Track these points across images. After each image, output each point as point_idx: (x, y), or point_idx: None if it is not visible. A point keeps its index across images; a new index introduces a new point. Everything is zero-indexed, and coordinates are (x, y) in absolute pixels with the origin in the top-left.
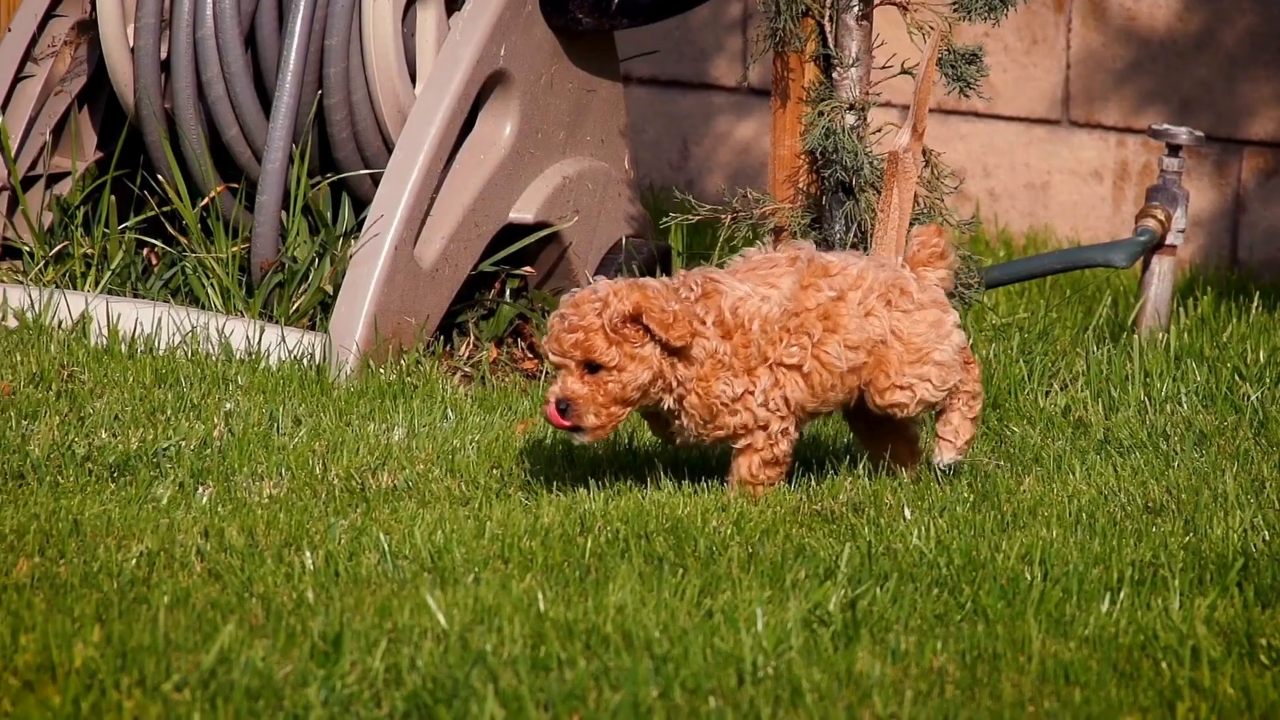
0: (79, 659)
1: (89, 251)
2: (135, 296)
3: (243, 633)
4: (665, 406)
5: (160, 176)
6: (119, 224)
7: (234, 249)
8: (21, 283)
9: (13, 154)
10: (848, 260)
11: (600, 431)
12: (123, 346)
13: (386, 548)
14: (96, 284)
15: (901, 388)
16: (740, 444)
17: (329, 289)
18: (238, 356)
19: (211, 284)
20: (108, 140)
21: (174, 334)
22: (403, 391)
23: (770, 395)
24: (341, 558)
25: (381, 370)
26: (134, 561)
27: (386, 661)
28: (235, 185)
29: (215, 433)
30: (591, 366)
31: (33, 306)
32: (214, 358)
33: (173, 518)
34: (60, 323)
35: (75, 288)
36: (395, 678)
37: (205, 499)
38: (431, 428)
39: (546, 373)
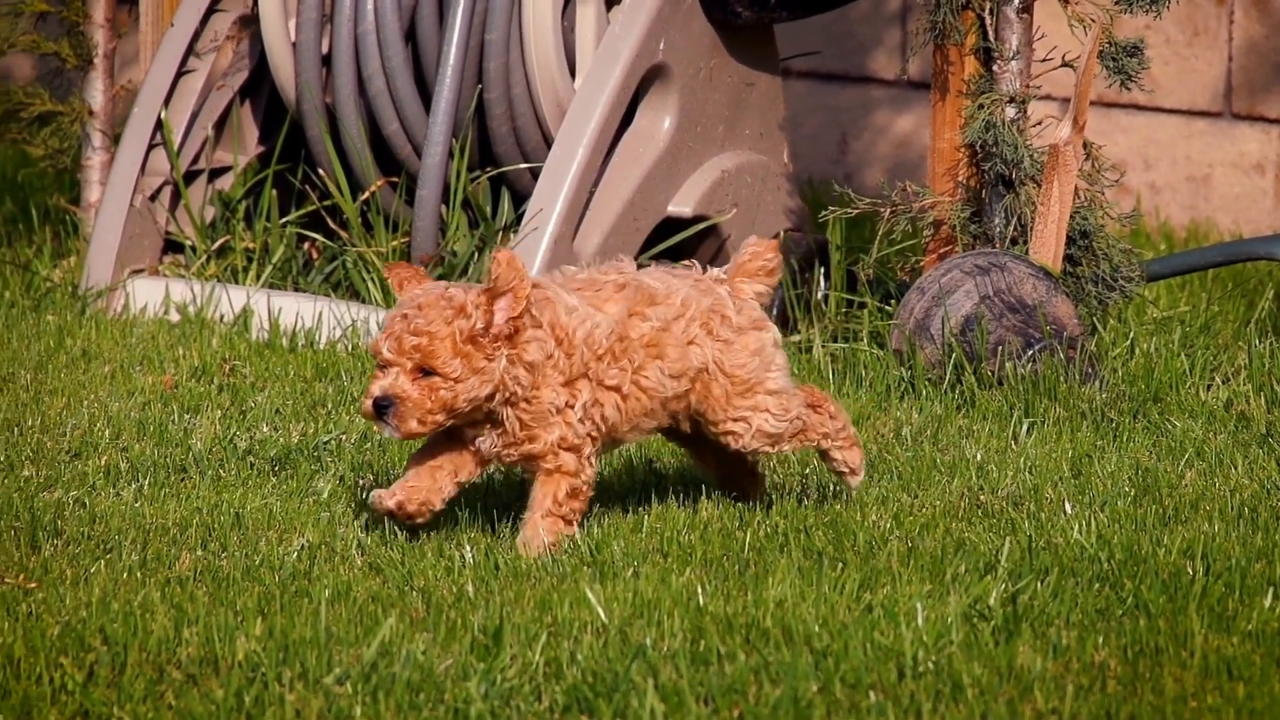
0: (241, 652)
1: (250, 246)
2: (296, 290)
3: (403, 626)
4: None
5: (321, 171)
6: (280, 218)
7: (394, 243)
8: (184, 277)
9: (175, 149)
10: (672, 286)
11: (415, 435)
12: (284, 340)
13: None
14: (258, 278)
15: (735, 419)
16: (548, 465)
17: None
18: None
19: (372, 278)
20: (269, 135)
21: (334, 328)
22: None
23: (590, 412)
24: (501, 551)
25: None
26: (295, 555)
27: (546, 655)
28: (395, 179)
29: (376, 427)
30: (426, 371)
31: (195, 300)
32: None
33: (334, 511)
34: (222, 317)
35: (237, 282)
36: (555, 671)
37: (368, 495)
38: None
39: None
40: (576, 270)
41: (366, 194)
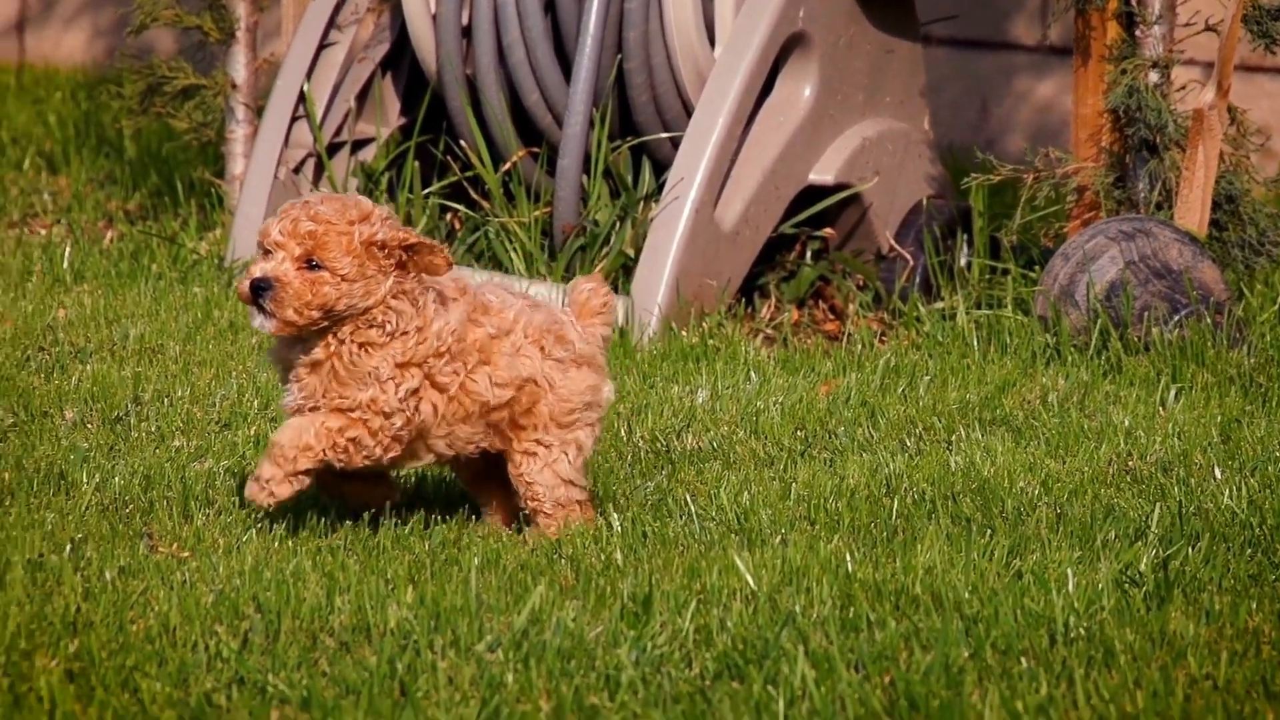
0: (393, 620)
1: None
2: None
3: (553, 594)
4: (337, 341)
5: (462, 142)
6: (423, 189)
7: (536, 213)
8: None
9: (318, 121)
10: (505, 302)
11: (288, 329)
12: None
13: (693, 509)
14: None
15: (542, 445)
16: (355, 415)
17: (630, 252)
18: None
19: (514, 248)
20: (410, 106)
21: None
22: (705, 354)
23: (409, 399)
24: (648, 519)
25: (684, 333)
26: (445, 523)
27: (696, 622)
28: (536, 150)
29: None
30: (313, 264)
31: None
32: None
33: None
34: None
35: None
36: (705, 638)
37: None
38: (735, 390)
39: (849, 335)
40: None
41: (508, 164)
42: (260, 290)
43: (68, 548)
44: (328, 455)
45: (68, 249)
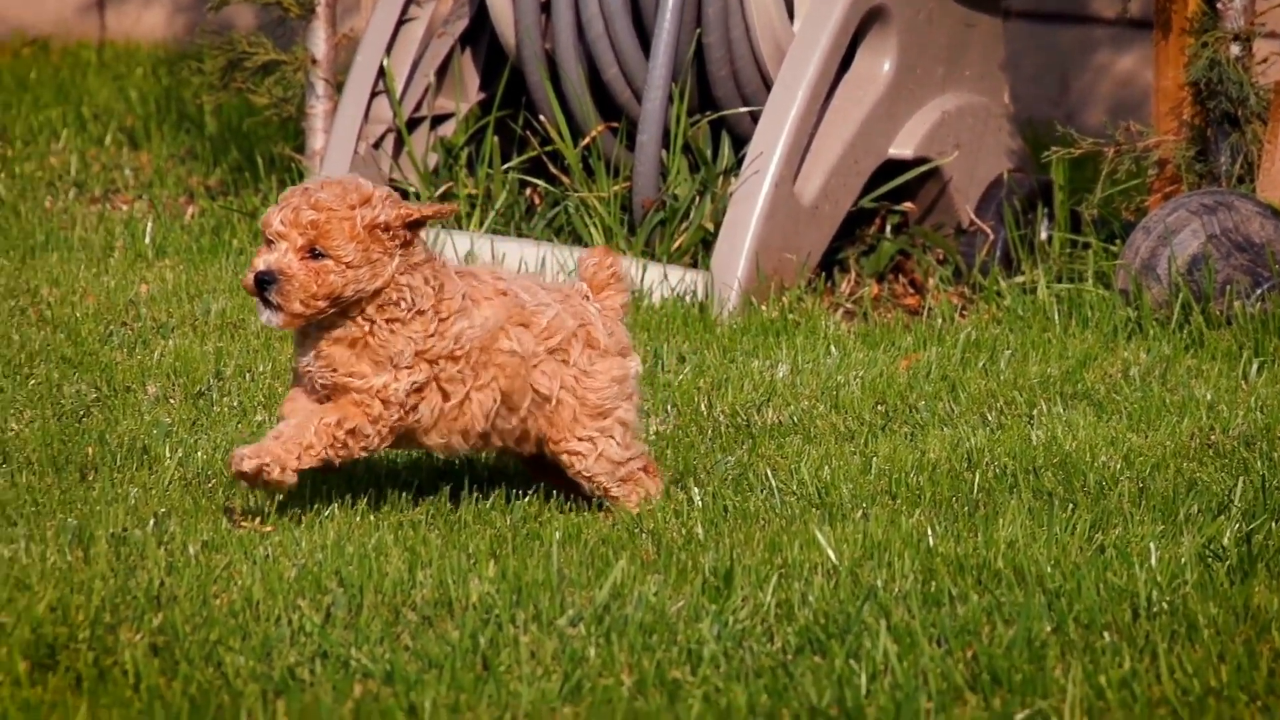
0: (475, 594)
1: (473, 192)
2: (519, 236)
3: (634, 568)
4: (360, 324)
5: (542, 117)
6: (502, 164)
7: (615, 188)
8: None
9: (398, 96)
10: (544, 304)
11: (295, 322)
12: None
13: (774, 483)
14: (481, 224)
15: (581, 439)
16: (357, 398)
17: (710, 227)
18: None
19: (594, 223)
20: (489, 81)
21: (558, 273)
22: (785, 328)
23: (412, 394)
24: (729, 494)
25: (764, 307)
26: (526, 498)
27: (778, 596)
28: (615, 124)
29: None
30: (316, 253)
31: None
32: None
33: None
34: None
35: (460, 228)
36: (787, 613)
37: None
38: (815, 364)
39: (929, 309)
40: (458, 265)
41: (587, 139)
42: (265, 283)
43: (151, 522)
44: (327, 454)
45: (149, 224)
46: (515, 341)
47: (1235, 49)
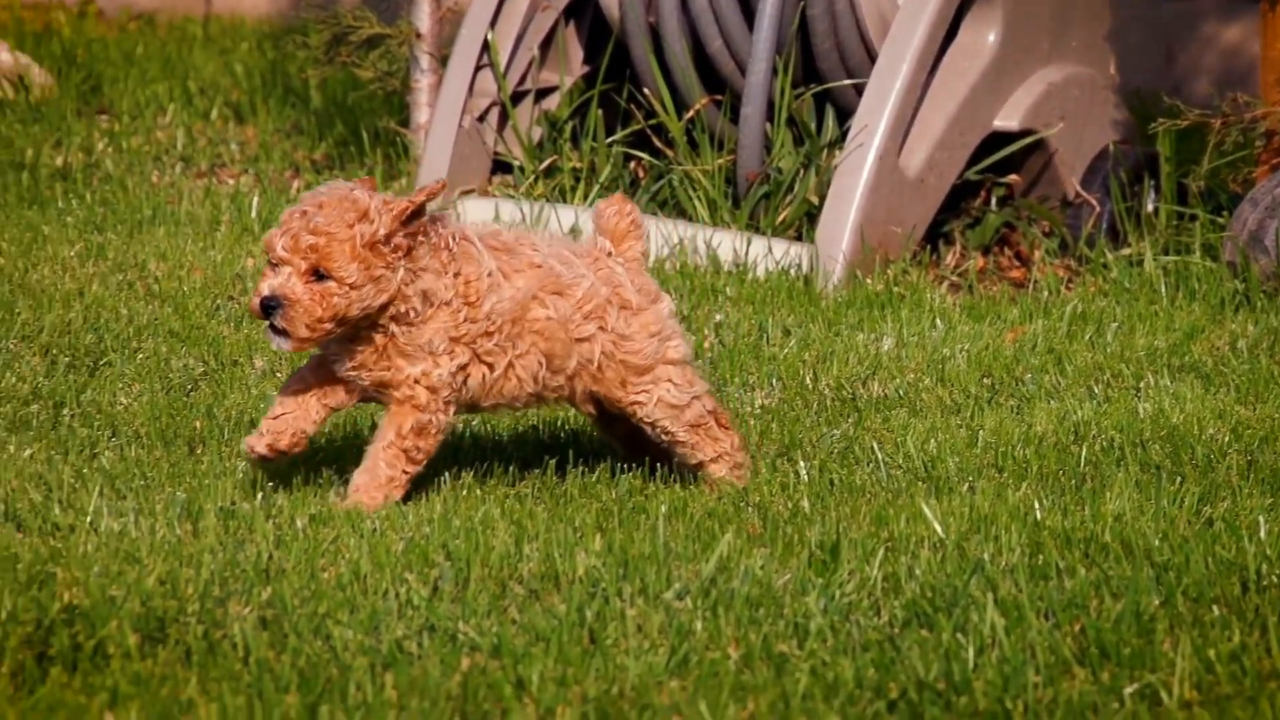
0: (582, 568)
1: (577, 165)
2: None
3: (741, 542)
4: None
5: (646, 90)
6: (606, 137)
7: (719, 161)
8: (513, 197)
9: (502, 70)
10: (580, 276)
11: (305, 345)
12: None
13: (880, 457)
14: (585, 197)
15: (638, 392)
16: (399, 394)
17: (814, 200)
18: (725, 268)
19: (698, 196)
20: (593, 55)
21: (662, 246)
22: (890, 301)
23: (456, 374)
24: (835, 467)
25: (868, 280)
26: (631, 472)
27: (884, 570)
28: (719, 97)
29: (706, 344)
30: (320, 275)
31: (524, 220)
32: (703, 269)
33: None
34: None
35: (565, 201)
36: (894, 586)
37: None
38: (920, 337)
39: (1035, 281)
40: (500, 231)
41: (691, 112)
42: (270, 309)
43: (259, 496)
44: (409, 470)
45: (255, 198)
46: (551, 308)
47: None
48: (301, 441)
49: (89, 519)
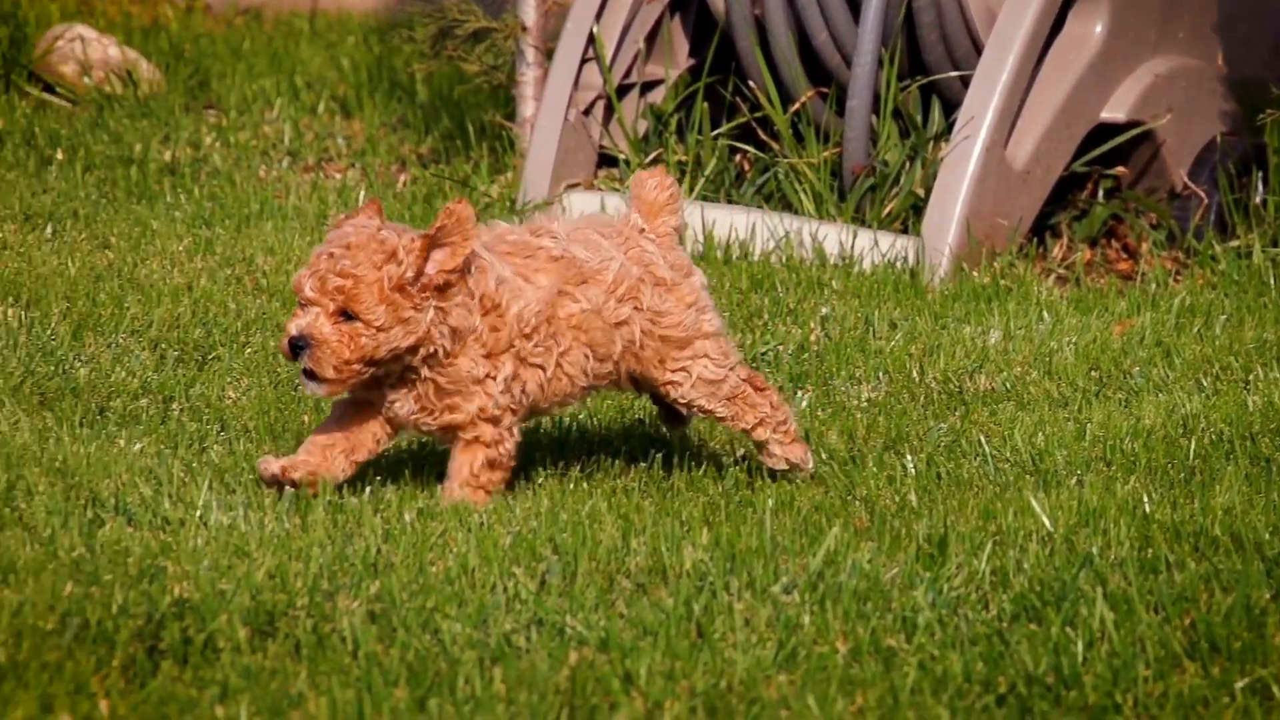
0: (689, 561)
1: (683, 158)
2: (729, 202)
3: (848, 535)
4: (415, 375)
5: (751, 83)
6: (711, 130)
7: (825, 154)
8: (619, 190)
9: (608, 63)
10: (604, 258)
11: (334, 388)
12: (718, 252)
13: (987, 450)
14: (691, 190)
15: (675, 371)
16: (466, 435)
17: (920, 192)
18: (831, 261)
19: (803, 189)
20: (699, 48)
21: (768, 239)
22: (997, 294)
23: (511, 385)
24: (942, 460)
25: (975, 273)
26: (737, 466)
27: (992, 564)
28: (825, 90)
29: (812, 337)
30: (348, 315)
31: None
32: (808, 262)
33: None
34: None
35: None
36: (1002, 580)
37: (804, 403)
38: (1027, 330)
39: (1143, 274)
40: (509, 230)
41: (797, 105)
42: (298, 349)
43: (367, 490)
44: (490, 498)
45: (362, 193)
46: (582, 299)
47: None
48: (315, 485)
49: (199, 513)
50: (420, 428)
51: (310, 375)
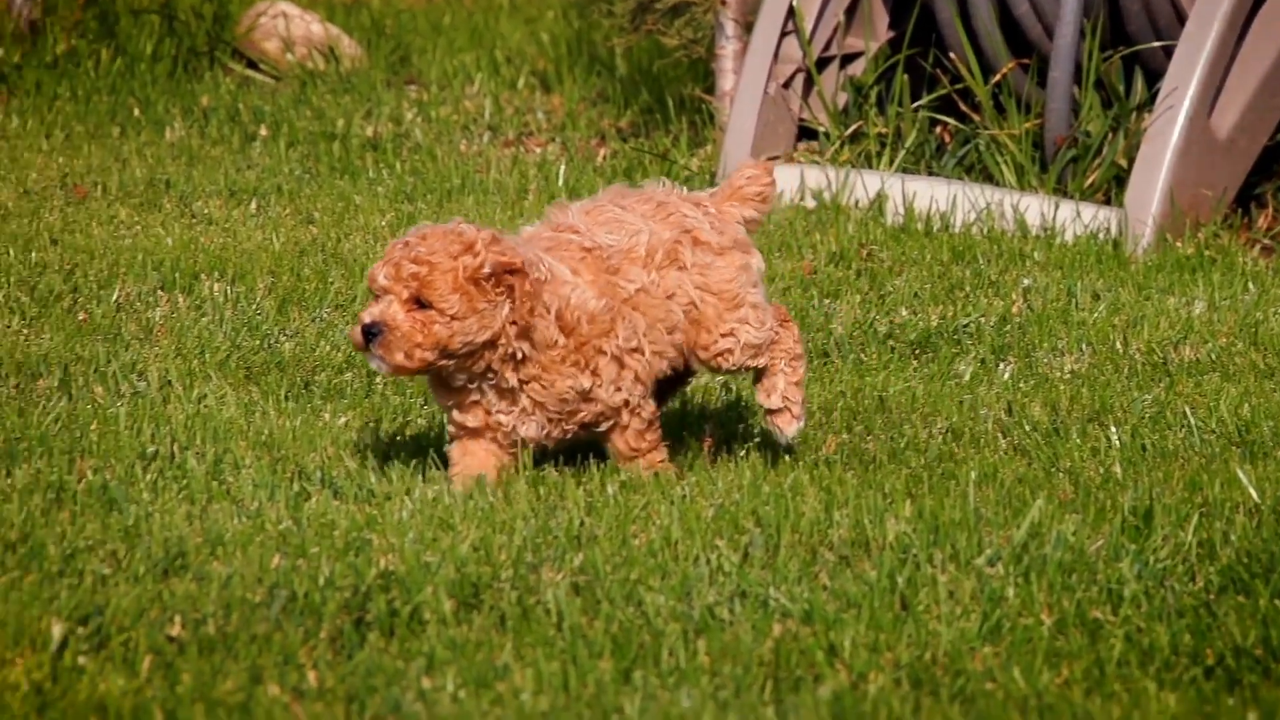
0: (892, 534)
1: (883, 131)
2: (930, 174)
3: (1052, 507)
4: (506, 384)
5: (952, 54)
6: (911, 103)
7: (1026, 125)
8: (818, 163)
9: (807, 36)
10: (631, 234)
11: (402, 372)
12: (919, 224)
13: (1192, 422)
14: (891, 163)
15: (725, 335)
16: (605, 426)
17: (1123, 163)
18: (1033, 232)
19: (1005, 160)
20: (899, 20)
21: (969, 211)
22: (1201, 264)
23: (619, 380)
24: (1146, 432)
25: (1179, 244)
26: (939, 438)
27: (1198, 535)
28: (1026, 61)
29: (1014, 309)
30: (422, 303)
31: (829, 186)
32: (1010, 234)
33: (975, 394)
34: (856, 202)
35: (871, 167)
36: (1208, 552)
37: (1006, 374)
38: (1232, 301)
39: None
40: (531, 230)
41: (998, 76)
42: (370, 336)
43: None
44: (658, 444)
45: (562, 167)
46: (627, 280)
47: None
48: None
49: (404, 486)
50: (563, 433)
51: (377, 359)
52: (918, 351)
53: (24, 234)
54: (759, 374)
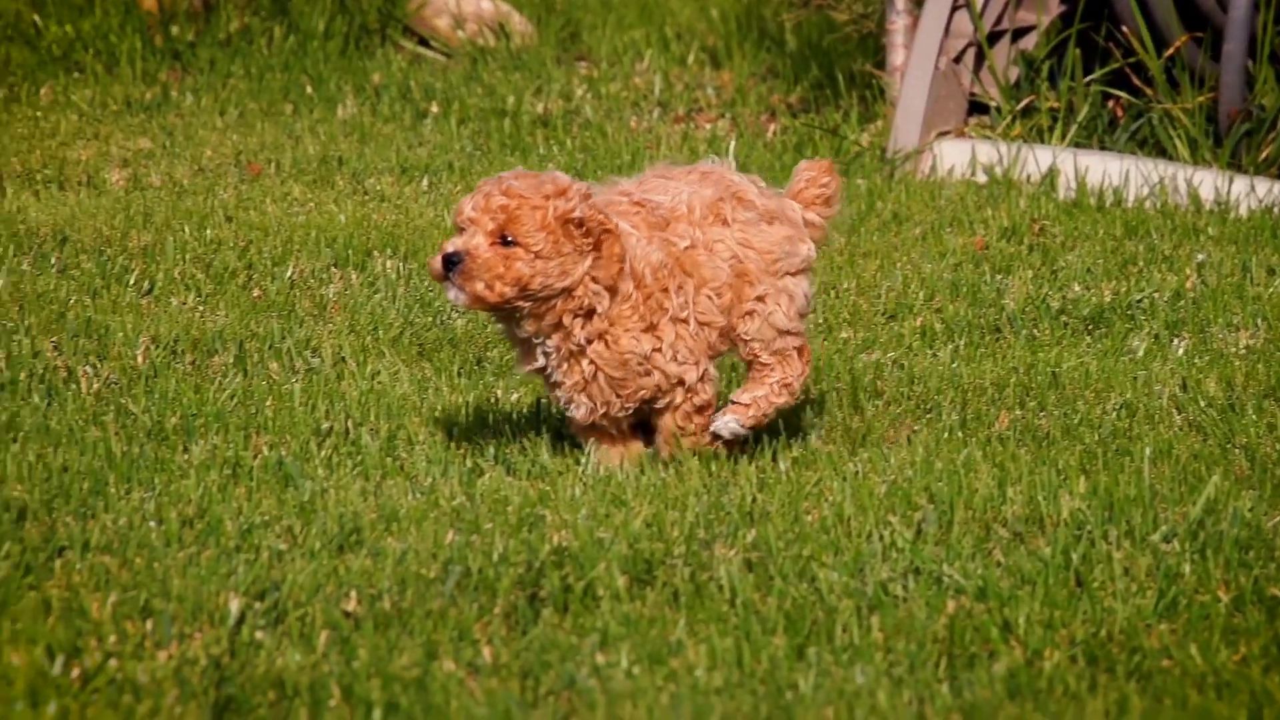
0: (1066, 510)
1: (1055, 105)
2: (1102, 149)
3: (1228, 484)
4: (574, 342)
5: (1124, 28)
6: (1084, 77)
7: (1200, 99)
8: (989, 138)
9: (978, 10)
10: (674, 193)
11: (478, 304)
12: (1091, 199)
13: None
14: (1063, 137)
15: (757, 299)
16: (659, 405)
17: None
18: (1207, 207)
19: (1178, 134)
20: None
21: (1142, 185)
22: None
23: (677, 348)
24: None
25: None
26: (1113, 414)
27: None
28: (1199, 35)
29: (1188, 284)
30: (507, 240)
31: (1001, 161)
32: (1183, 209)
33: (1149, 369)
34: (1028, 177)
35: (1042, 141)
36: None
37: (1180, 350)
38: None
39: None
40: (590, 189)
41: (1171, 50)
42: (451, 264)
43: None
44: (702, 430)
45: (733, 142)
46: (677, 236)
47: None
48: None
49: (578, 463)
50: (615, 408)
51: (456, 288)
52: (1091, 327)
53: (199, 211)
54: (751, 371)
